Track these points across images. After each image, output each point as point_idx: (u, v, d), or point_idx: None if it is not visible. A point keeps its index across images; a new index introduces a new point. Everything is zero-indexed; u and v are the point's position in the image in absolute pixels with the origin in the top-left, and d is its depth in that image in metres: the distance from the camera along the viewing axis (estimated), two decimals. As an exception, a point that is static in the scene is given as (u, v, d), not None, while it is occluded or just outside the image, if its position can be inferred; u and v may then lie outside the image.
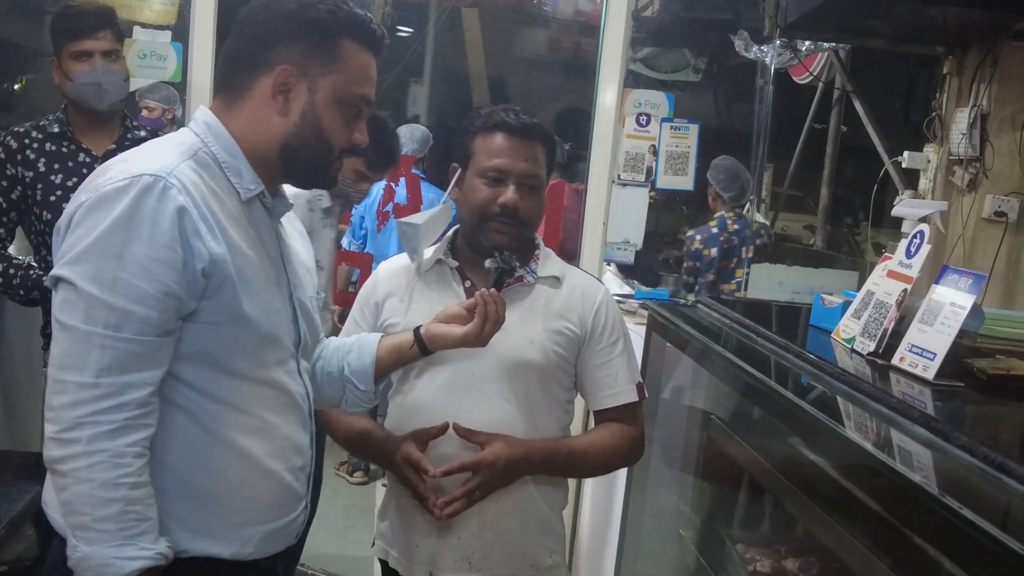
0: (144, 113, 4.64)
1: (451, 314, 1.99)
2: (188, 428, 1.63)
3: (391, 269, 2.27)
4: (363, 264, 4.25)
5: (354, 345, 2.02)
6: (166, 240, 1.54)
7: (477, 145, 2.14)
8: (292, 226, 1.91)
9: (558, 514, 2.25)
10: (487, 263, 2.04)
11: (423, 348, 1.99)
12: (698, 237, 5.17)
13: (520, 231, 2.12)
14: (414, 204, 4.07)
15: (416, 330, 2.00)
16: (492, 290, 1.95)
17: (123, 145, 3.24)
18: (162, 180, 1.55)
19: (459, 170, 2.18)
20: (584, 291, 2.20)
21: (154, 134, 3.38)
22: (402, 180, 4.20)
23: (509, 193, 2.09)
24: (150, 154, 1.63)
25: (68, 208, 1.59)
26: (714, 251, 5.11)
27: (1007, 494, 1.42)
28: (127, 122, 3.33)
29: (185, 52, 3.77)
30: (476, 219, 2.13)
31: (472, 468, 2.02)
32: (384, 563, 2.26)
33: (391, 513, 2.22)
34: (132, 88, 3.50)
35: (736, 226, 5.17)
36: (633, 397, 2.19)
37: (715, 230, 5.15)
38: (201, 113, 1.72)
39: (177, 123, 4.69)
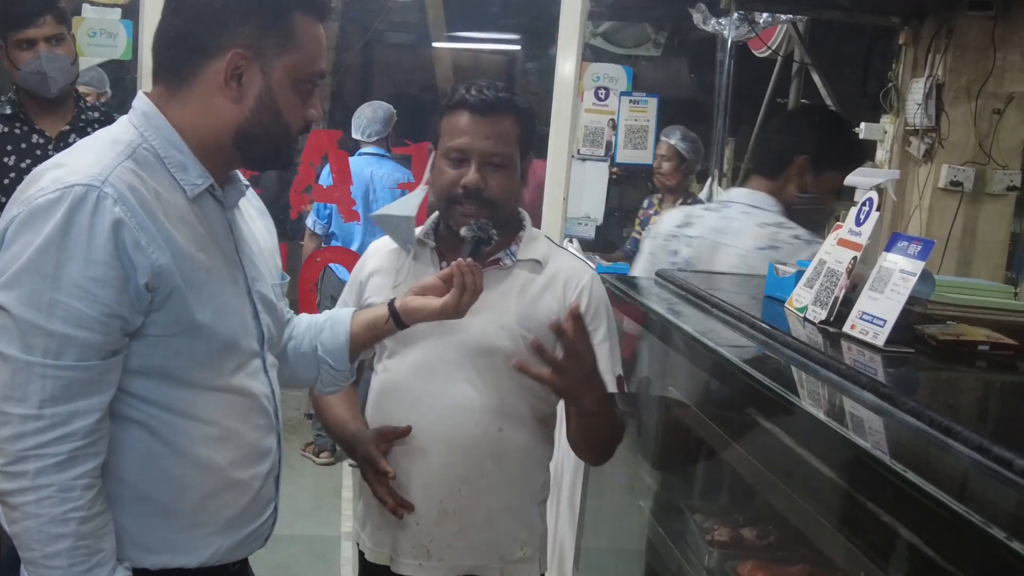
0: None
1: (426, 286, 1.92)
2: (146, 443, 1.56)
3: (379, 248, 2.23)
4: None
5: (326, 323, 1.95)
6: (103, 257, 1.45)
7: (443, 125, 2.07)
8: (251, 205, 1.82)
9: (535, 506, 2.18)
10: (462, 231, 1.97)
11: (399, 322, 1.92)
12: None
13: (489, 212, 2.03)
14: (342, 184, 3.89)
15: (391, 304, 1.93)
16: (468, 259, 1.88)
17: (76, 126, 3.22)
18: (96, 190, 1.45)
19: (433, 152, 2.12)
20: (568, 276, 2.13)
21: (107, 115, 3.34)
22: (324, 159, 3.96)
23: (471, 173, 2.01)
24: (84, 158, 1.52)
25: (1, 222, 1.50)
26: None
27: (954, 457, 1.43)
28: (80, 102, 3.31)
29: (135, 29, 3.72)
30: (443, 202, 2.07)
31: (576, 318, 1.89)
32: (358, 545, 2.23)
33: (364, 495, 2.19)
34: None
35: None
36: (613, 388, 2.11)
37: None
38: (140, 102, 1.62)
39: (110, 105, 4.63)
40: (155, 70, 1.64)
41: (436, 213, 2.17)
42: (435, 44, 8.15)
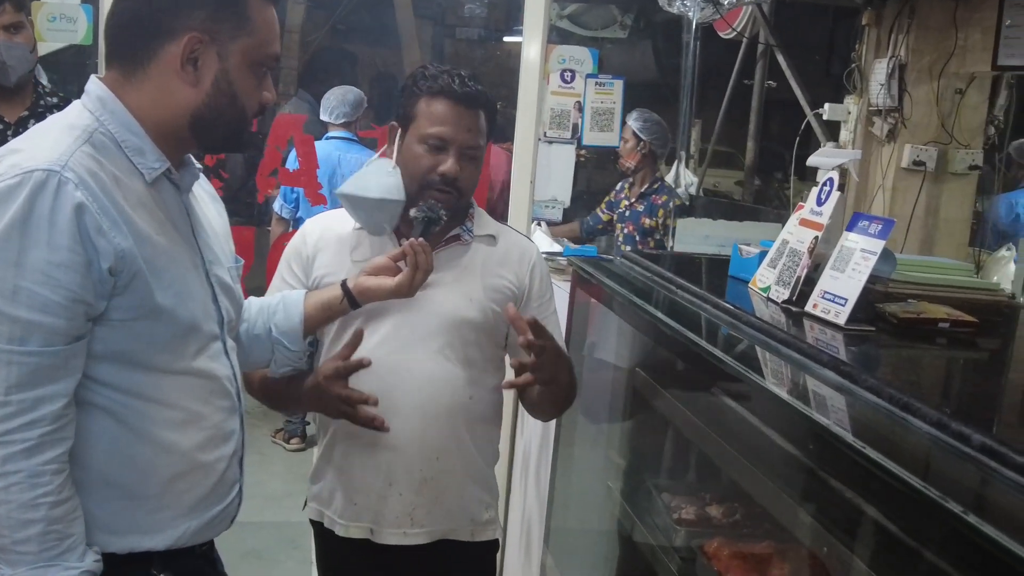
0: None
1: (378, 266, 1.98)
2: (111, 428, 1.56)
3: (320, 225, 2.23)
4: None
5: (279, 305, 1.98)
6: (66, 242, 1.44)
7: (420, 108, 2.09)
8: (202, 190, 1.82)
9: (492, 470, 2.28)
10: (412, 212, 2.03)
11: (352, 302, 1.98)
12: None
13: (457, 200, 2.11)
14: (308, 167, 3.86)
15: (344, 284, 1.99)
16: (420, 239, 1.95)
17: (36, 112, 3.20)
18: (56, 175, 1.44)
19: (398, 130, 2.14)
20: (520, 250, 2.23)
21: (66, 100, 3.31)
22: (290, 142, 3.91)
23: (450, 163, 2.06)
24: (41, 143, 1.51)
25: None
26: None
27: (913, 433, 1.45)
28: (39, 88, 3.28)
29: (95, 14, 3.68)
30: (415, 186, 2.09)
31: (537, 332, 1.94)
32: (318, 524, 2.25)
33: (327, 474, 2.22)
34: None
35: None
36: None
37: None
38: (94, 86, 1.60)
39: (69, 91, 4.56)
40: (108, 54, 1.63)
41: None
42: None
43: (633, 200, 5.08)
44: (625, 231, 5.06)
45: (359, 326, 2.08)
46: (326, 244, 2.18)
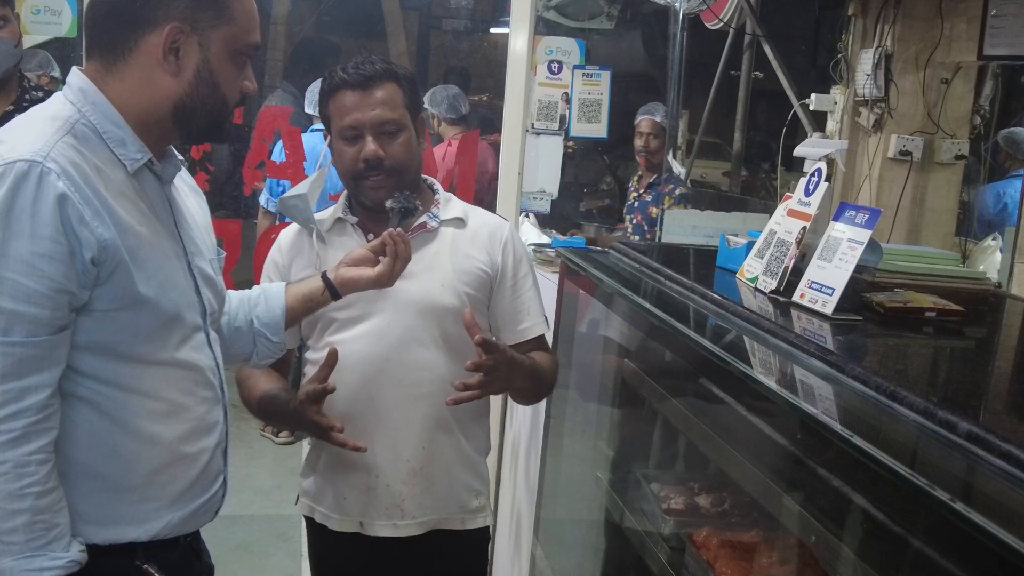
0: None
1: (357, 257, 1.98)
2: (93, 420, 1.56)
3: (292, 232, 2.27)
4: None
5: (260, 297, 1.98)
6: (49, 232, 1.45)
7: (330, 109, 2.14)
8: (184, 183, 1.82)
9: (482, 457, 2.29)
10: (388, 203, 2.04)
11: (334, 293, 1.98)
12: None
13: (396, 179, 2.10)
14: (295, 160, 3.85)
15: (324, 275, 1.99)
16: (398, 230, 1.96)
17: (21, 106, 3.17)
18: (39, 165, 1.45)
19: (328, 136, 2.19)
20: (490, 230, 2.23)
21: (51, 95, 3.29)
22: (277, 135, 3.91)
23: (368, 146, 2.08)
24: (23, 134, 1.51)
25: None
26: None
27: (900, 422, 1.46)
28: (24, 82, 3.26)
29: (80, 7, 3.66)
30: (349, 181, 2.15)
31: (487, 350, 1.99)
32: (310, 520, 2.26)
33: (317, 469, 2.23)
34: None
35: None
36: (545, 328, 2.24)
37: None
38: (75, 78, 1.60)
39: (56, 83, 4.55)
40: (89, 45, 1.63)
41: (346, 190, 2.24)
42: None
43: (642, 191, 5.10)
44: (634, 221, 5.08)
45: (343, 330, 2.11)
46: (299, 251, 2.22)
